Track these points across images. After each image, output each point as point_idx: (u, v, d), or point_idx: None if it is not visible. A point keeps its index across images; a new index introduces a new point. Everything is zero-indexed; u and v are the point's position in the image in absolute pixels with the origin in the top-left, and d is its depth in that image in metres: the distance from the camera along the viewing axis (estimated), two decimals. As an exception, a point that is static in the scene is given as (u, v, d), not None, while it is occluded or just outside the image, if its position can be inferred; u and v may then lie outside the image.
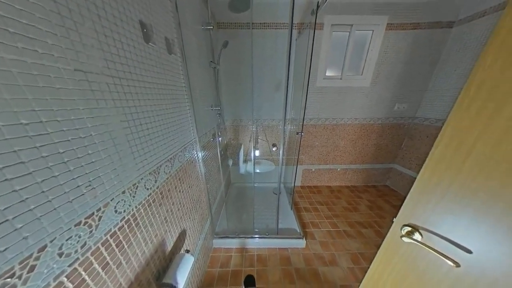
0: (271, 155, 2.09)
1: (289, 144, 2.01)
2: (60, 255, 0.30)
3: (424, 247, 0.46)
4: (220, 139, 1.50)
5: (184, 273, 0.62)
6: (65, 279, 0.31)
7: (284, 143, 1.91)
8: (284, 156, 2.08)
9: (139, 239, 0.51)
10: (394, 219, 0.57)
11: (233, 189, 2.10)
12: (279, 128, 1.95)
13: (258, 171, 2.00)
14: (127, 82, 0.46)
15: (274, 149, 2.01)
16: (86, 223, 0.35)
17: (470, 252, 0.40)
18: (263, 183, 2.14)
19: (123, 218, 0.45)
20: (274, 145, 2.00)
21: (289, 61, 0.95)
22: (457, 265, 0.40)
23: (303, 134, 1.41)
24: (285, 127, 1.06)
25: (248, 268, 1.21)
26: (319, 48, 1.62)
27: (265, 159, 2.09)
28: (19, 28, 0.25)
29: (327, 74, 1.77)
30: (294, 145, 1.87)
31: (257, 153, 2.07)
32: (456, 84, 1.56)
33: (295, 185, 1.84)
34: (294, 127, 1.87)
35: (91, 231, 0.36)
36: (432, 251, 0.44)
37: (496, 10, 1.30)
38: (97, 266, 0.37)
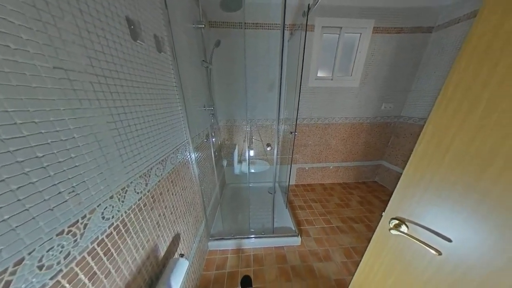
0: (266, 155, 2.09)
1: (283, 144, 2.03)
2: (40, 267, 0.28)
3: (410, 238, 0.49)
4: (214, 139, 1.48)
5: (178, 278, 0.61)
6: (47, 294, 0.29)
7: (278, 142, 1.92)
8: (279, 156, 2.09)
9: (130, 245, 0.49)
10: (383, 213, 0.60)
11: (228, 190, 2.08)
12: (273, 128, 1.96)
13: (253, 171, 1.99)
14: (113, 81, 0.44)
15: (268, 149, 2.02)
16: (69, 231, 0.32)
17: (450, 241, 0.42)
18: (258, 183, 2.14)
19: (111, 224, 0.42)
20: (268, 144, 2.01)
21: (281, 61, 0.96)
22: (439, 253, 0.43)
23: (296, 133, 1.43)
24: (279, 127, 1.07)
25: (244, 269, 1.20)
26: (311, 49, 1.64)
27: (259, 159, 2.10)
28: (-13, 20, 0.23)
29: (318, 74, 1.80)
30: (288, 144, 1.89)
31: (251, 153, 2.07)
32: (435, 85, 1.65)
33: (289, 184, 1.86)
34: (288, 126, 1.89)
35: (75, 240, 0.34)
36: (417, 242, 0.46)
37: (468, 17, 1.39)
38: (83, 277, 0.35)
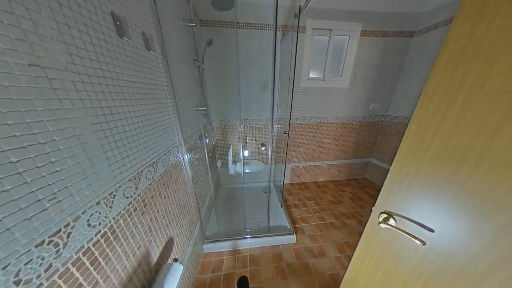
0: (260, 154, 2.09)
1: (277, 143, 2.04)
2: (17, 283, 0.26)
3: (398, 230, 0.51)
4: (207, 140, 1.45)
5: (172, 284, 0.59)
6: (25, 311, 0.27)
7: (272, 142, 1.93)
8: (273, 155, 2.10)
9: (119, 253, 0.47)
10: (373, 208, 0.63)
11: (222, 191, 2.06)
12: (267, 127, 1.96)
13: (248, 171, 1.99)
14: (98, 80, 0.41)
15: (263, 148, 2.02)
16: (51, 242, 0.30)
17: (433, 231, 0.45)
18: (253, 183, 2.14)
19: (98, 231, 0.40)
20: (263, 144, 2.01)
21: (274, 61, 0.96)
22: (423, 243, 0.46)
23: (290, 133, 1.44)
24: (273, 127, 1.08)
25: (241, 270, 1.19)
26: (303, 50, 1.66)
27: (254, 159, 2.09)
28: None
29: (310, 75, 1.83)
30: (282, 144, 1.90)
31: (246, 153, 2.06)
32: (418, 87, 1.75)
33: (284, 183, 1.88)
34: (282, 126, 1.90)
35: (58, 251, 0.31)
36: (404, 233, 0.49)
37: (445, 23, 1.49)
38: (67, 289, 0.33)
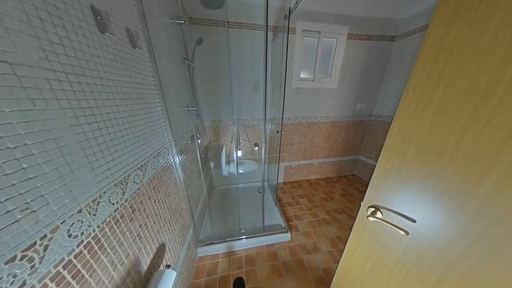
0: (254, 154, 2.09)
1: (270, 143, 2.05)
2: (-17, 306, 0.23)
3: (384, 222, 0.55)
4: (199, 141, 1.42)
5: (165, 292, 0.56)
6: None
7: (265, 142, 1.94)
8: (266, 155, 2.11)
9: (105, 263, 0.44)
10: (362, 203, 0.66)
11: (216, 192, 2.02)
12: (260, 127, 1.97)
13: (241, 171, 1.97)
14: (77, 78, 0.38)
15: (256, 148, 2.02)
16: (24, 257, 0.27)
17: (414, 221, 0.49)
18: (247, 183, 2.13)
19: (80, 242, 0.37)
20: (256, 144, 2.01)
21: (266, 62, 0.97)
22: (407, 233, 0.50)
23: (283, 132, 1.46)
24: (265, 127, 1.08)
25: (236, 271, 1.18)
26: (293, 51, 1.69)
27: (248, 159, 2.09)
28: None
29: (301, 76, 1.87)
30: (275, 143, 1.92)
31: (239, 153, 2.05)
32: (399, 88, 1.87)
33: (278, 182, 1.89)
34: (274, 126, 1.92)
35: (33, 266, 0.28)
36: (389, 225, 0.53)
37: (422, 29, 1.61)
38: (45, 308, 0.30)
